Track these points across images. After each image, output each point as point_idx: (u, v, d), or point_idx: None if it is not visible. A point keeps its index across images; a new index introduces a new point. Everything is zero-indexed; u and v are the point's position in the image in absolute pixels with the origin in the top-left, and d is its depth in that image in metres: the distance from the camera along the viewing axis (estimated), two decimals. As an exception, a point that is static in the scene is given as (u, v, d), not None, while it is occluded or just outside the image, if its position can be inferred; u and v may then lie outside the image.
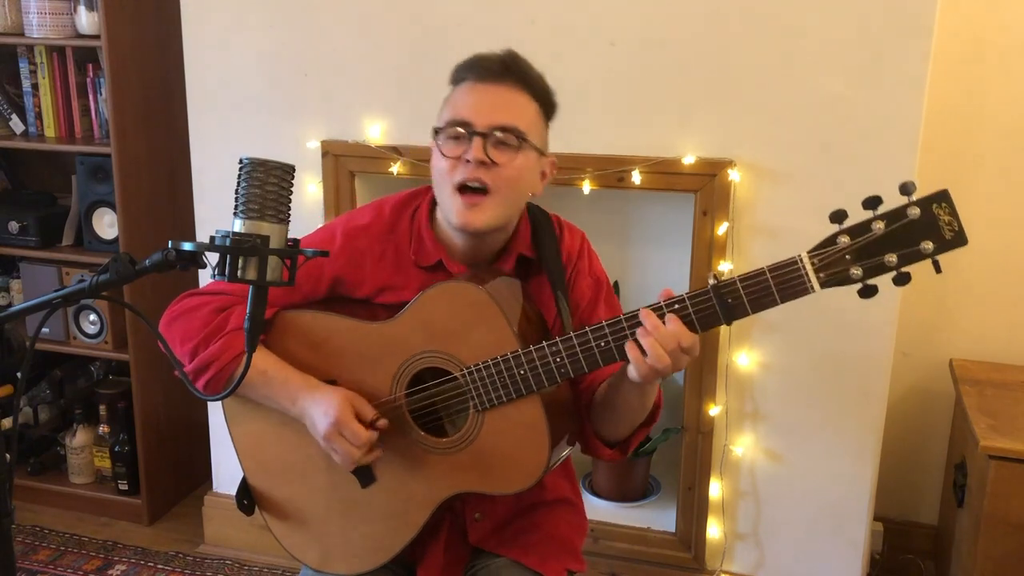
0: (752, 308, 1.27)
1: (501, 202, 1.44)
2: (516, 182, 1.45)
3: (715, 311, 1.28)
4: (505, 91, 1.45)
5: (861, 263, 1.21)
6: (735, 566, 2.46)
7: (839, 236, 1.22)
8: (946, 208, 1.19)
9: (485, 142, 1.41)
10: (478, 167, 1.41)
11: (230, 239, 1.15)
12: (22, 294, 3.03)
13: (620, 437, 1.52)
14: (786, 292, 1.25)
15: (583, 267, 1.58)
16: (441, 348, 1.44)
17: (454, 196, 1.43)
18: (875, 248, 1.20)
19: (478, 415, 1.43)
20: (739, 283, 1.27)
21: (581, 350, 1.35)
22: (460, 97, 1.46)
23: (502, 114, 1.43)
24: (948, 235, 1.19)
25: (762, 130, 2.19)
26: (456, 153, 1.43)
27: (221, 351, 1.48)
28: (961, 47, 2.43)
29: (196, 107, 2.58)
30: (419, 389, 1.48)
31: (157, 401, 2.97)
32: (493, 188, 1.42)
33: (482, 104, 1.43)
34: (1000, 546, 2.10)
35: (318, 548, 1.58)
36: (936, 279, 2.54)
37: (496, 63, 1.46)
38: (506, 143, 1.42)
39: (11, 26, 2.80)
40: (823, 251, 1.23)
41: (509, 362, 1.38)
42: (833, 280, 1.23)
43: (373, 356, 1.49)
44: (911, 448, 2.70)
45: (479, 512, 1.58)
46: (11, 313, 1.16)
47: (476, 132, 1.41)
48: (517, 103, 1.45)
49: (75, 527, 2.98)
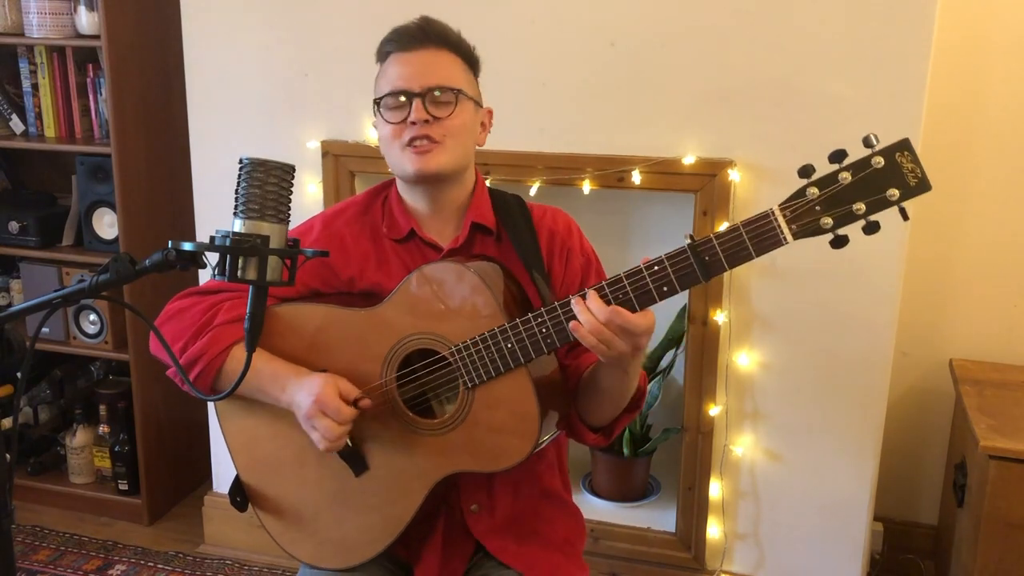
0: (728, 263, 1.30)
1: (450, 148, 1.51)
2: (460, 130, 1.51)
3: (693, 269, 1.31)
4: (430, 54, 1.52)
5: (831, 213, 1.25)
6: (735, 566, 2.46)
7: (808, 188, 1.26)
8: (908, 156, 1.23)
9: (423, 102, 1.48)
10: (423, 126, 1.48)
11: (230, 239, 1.16)
12: (22, 294, 3.04)
13: (604, 422, 1.54)
14: (761, 245, 1.28)
15: (574, 245, 1.61)
16: (429, 329, 1.45)
17: (405, 151, 1.50)
18: (843, 197, 1.25)
19: (468, 393, 1.44)
20: (715, 240, 1.30)
21: (565, 318, 1.36)
22: (391, 69, 1.53)
23: (433, 75, 1.50)
24: (912, 182, 1.23)
25: (762, 130, 2.19)
26: (399, 118, 1.50)
27: (208, 345, 1.49)
28: (961, 47, 2.43)
29: (196, 107, 2.58)
30: (409, 371, 1.49)
31: (157, 401, 2.97)
32: (439, 139, 1.49)
33: (412, 70, 1.50)
34: (1000, 546, 2.11)
35: (313, 543, 1.58)
36: (936, 279, 2.57)
37: (414, 29, 1.53)
38: (443, 100, 1.49)
39: (11, 26, 2.80)
40: (793, 203, 1.26)
41: (496, 336, 1.40)
42: (805, 231, 1.26)
43: (362, 342, 1.50)
44: (911, 448, 2.70)
45: (475, 503, 1.58)
46: (11, 313, 1.16)
47: (414, 94, 1.48)
48: (443, 62, 1.52)
49: (75, 527, 2.98)
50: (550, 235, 1.59)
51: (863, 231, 1.26)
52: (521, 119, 2.32)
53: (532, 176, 2.32)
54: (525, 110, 2.32)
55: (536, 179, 2.32)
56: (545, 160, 2.31)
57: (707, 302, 2.30)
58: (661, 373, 2.55)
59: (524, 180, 2.32)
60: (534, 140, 2.32)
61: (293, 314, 1.55)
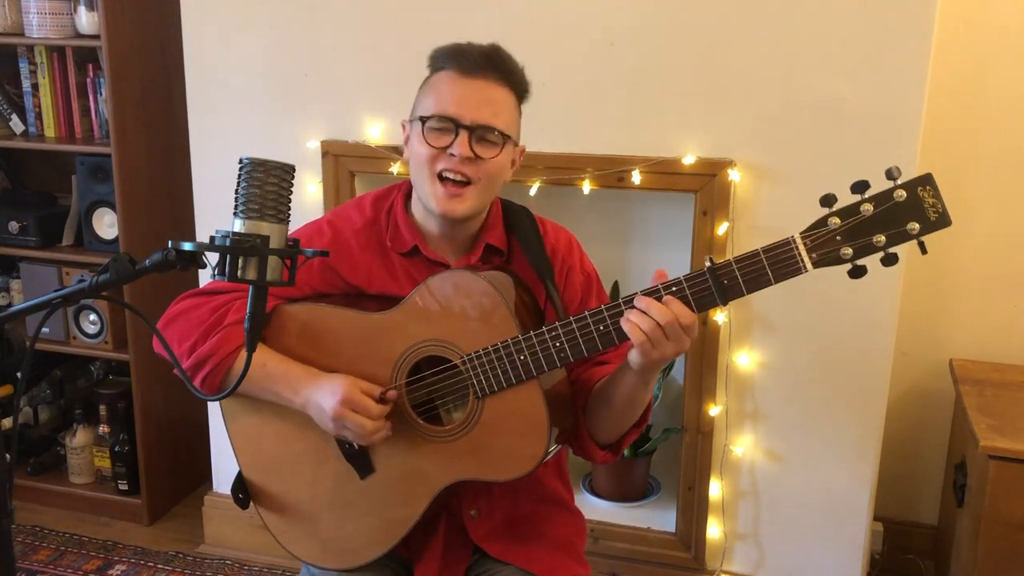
0: (747, 288, 1.30)
1: (480, 192, 1.49)
2: (496, 174, 1.49)
3: (711, 292, 1.31)
4: (489, 87, 1.47)
5: (851, 243, 1.26)
6: (735, 566, 2.46)
7: (830, 218, 1.27)
8: (930, 191, 1.24)
9: (471, 137, 1.44)
10: (463, 162, 1.44)
11: (230, 239, 1.16)
12: (22, 294, 3.03)
13: (613, 438, 1.53)
14: (780, 272, 1.29)
15: (575, 263, 1.61)
16: (441, 336, 1.45)
17: (434, 183, 1.47)
18: (864, 229, 1.25)
19: (478, 402, 1.44)
20: (734, 264, 1.30)
21: (581, 334, 1.37)
22: (444, 88, 1.48)
23: (487, 111, 1.46)
24: (933, 216, 1.24)
25: (762, 130, 2.19)
26: (442, 144, 1.46)
27: (218, 345, 1.49)
28: (962, 47, 2.43)
29: (196, 107, 2.58)
30: (419, 378, 1.49)
31: (157, 401, 2.97)
32: (474, 180, 1.46)
33: (468, 99, 1.46)
34: (1000, 546, 2.10)
35: (315, 542, 1.58)
36: (936, 279, 2.57)
37: (480, 56, 1.48)
38: (490, 141, 1.46)
39: (11, 26, 2.79)
40: (815, 232, 1.27)
41: (509, 348, 1.40)
42: (825, 260, 1.27)
43: (373, 347, 1.50)
44: (911, 448, 2.70)
45: (475, 509, 1.58)
46: (11, 313, 1.16)
47: (463, 126, 1.44)
48: (500, 99, 1.48)
49: (75, 527, 2.98)
50: (552, 251, 1.59)
51: (881, 262, 1.27)
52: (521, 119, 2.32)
53: (532, 176, 2.32)
54: (525, 110, 2.31)
55: (536, 179, 2.32)
56: (545, 160, 2.30)
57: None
58: (661, 373, 2.55)
59: (524, 180, 2.32)
60: (534, 140, 2.29)
61: (305, 313, 1.55)
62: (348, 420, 1.44)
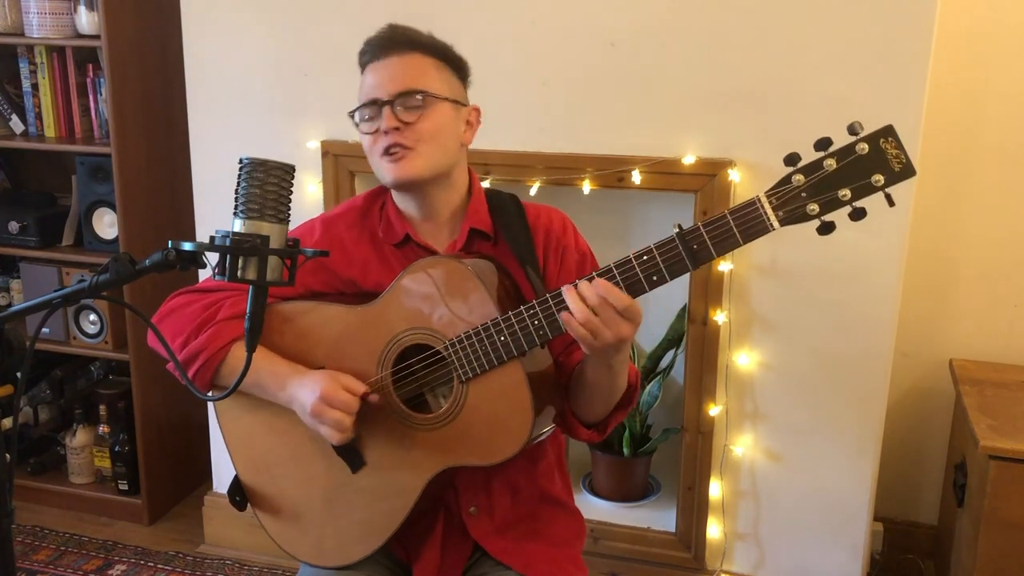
0: (716, 251, 1.31)
1: (424, 153, 1.50)
2: (434, 133, 1.50)
3: (681, 257, 1.32)
4: (397, 60, 1.52)
5: (816, 199, 1.26)
6: (735, 566, 2.46)
7: (794, 175, 1.27)
8: (893, 142, 1.24)
9: (392, 109, 1.48)
10: (393, 133, 1.48)
11: (230, 239, 1.16)
12: (22, 294, 3.04)
13: (596, 418, 1.54)
14: (748, 232, 1.29)
15: (569, 243, 1.61)
16: (424, 324, 1.46)
17: (382, 159, 1.51)
18: (829, 184, 1.26)
19: (462, 387, 1.44)
20: (702, 228, 1.31)
21: (557, 310, 1.37)
22: (365, 80, 1.55)
23: (400, 81, 1.50)
24: (897, 167, 1.24)
25: (762, 130, 2.19)
26: (373, 128, 1.51)
27: (209, 341, 1.50)
28: (962, 46, 2.43)
29: (196, 107, 2.58)
30: (404, 367, 1.49)
31: (157, 401, 2.97)
32: (412, 144, 1.49)
33: (382, 79, 1.51)
34: (1000, 546, 2.11)
35: (312, 541, 1.59)
36: (936, 279, 2.57)
37: (382, 38, 1.54)
38: (412, 105, 1.49)
39: (11, 26, 2.80)
40: (779, 190, 1.28)
41: (489, 329, 1.40)
42: (791, 217, 1.28)
43: (357, 339, 1.51)
44: (911, 448, 2.70)
45: (474, 506, 1.58)
46: (11, 313, 1.16)
47: (383, 102, 1.49)
48: (412, 65, 1.52)
49: (75, 527, 2.98)
50: (546, 234, 1.59)
51: (849, 217, 1.27)
52: (521, 119, 2.32)
53: (532, 176, 2.32)
54: (525, 110, 2.32)
55: (536, 179, 2.32)
56: (545, 160, 2.31)
57: (707, 302, 2.30)
58: (661, 373, 2.55)
59: (524, 180, 2.32)
60: (534, 140, 2.32)
61: (290, 311, 1.56)
62: (325, 415, 1.45)
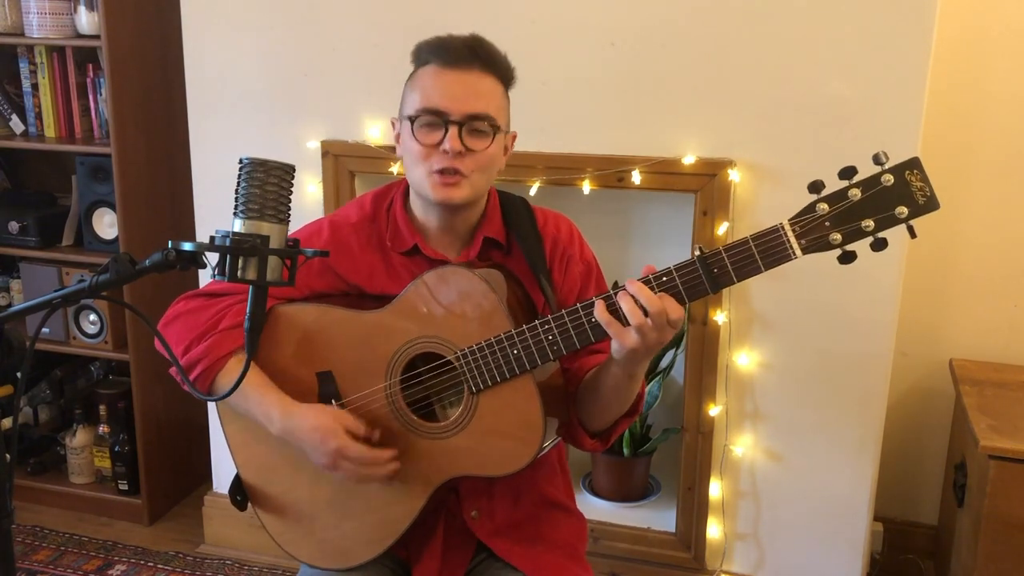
0: (737, 276, 1.30)
1: (476, 181, 1.48)
2: (488, 165, 1.49)
3: (701, 281, 1.31)
4: (475, 77, 1.47)
5: (840, 229, 1.27)
6: (735, 566, 2.46)
7: (818, 204, 1.27)
8: (918, 175, 1.25)
9: (461, 131, 1.44)
10: (455, 157, 1.44)
11: (230, 239, 1.16)
12: (22, 294, 3.03)
13: (603, 426, 1.53)
14: (769, 259, 1.29)
15: (575, 253, 1.60)
16: (435, 333, 1.45)
17: (431, 175, 1.46)
18: (852, 214, 1.26)
19: (472, 397, 1.44)
20: (724, 253, 1.30)
21: (572, 326, 1.37)
22: (429, 82, 1.48)
23: (474, 102, 1.45)
24: (921, 200, 1.25)
25: (762, 130, 2.19)
26: (432, 141, 1.45)
27: (208, 350, 1.50)
28: (962, 47, 2.43)
29: (196, 107, 2.58)
30: (413, 375, 1.49)
31: (157, 401, 2.97)
32: (468, 173, 1.46)
33: (454, 92, 1.45)
34: (1000, 546, 2.10)
35: (312, 543, 1.59)
36: (936, 279, 2.57)
37: (463, 47, 1.47)
38: (478, 129, 1.46)
39: (11, 26, 2.79)
40: (803, 218, 1.28)
41: (503, 342, 1.40)
42: (814, 246, 1.28)
43: (367, 344, 1.50)
44: (911, 448, 2.70)
45: (475, 510, 1.58)
46: (11, 313, 1.16)
47: (452, 121, 1.44)
48: (487, 89, 1.48)
49: (75, 527, 2.98)
50: (553, 242, 1.59)
51: (871, 248, 1.27)
52: (521, 119, 2.31)
53: (532, 176, 2.32)
54: (525, 110, 2.31)
55: (536, 179, 2.32)
56: (545, 160, 2.31)
57: (707, 302, 2.30)
58: (661, 373, 2.55)
59: (524, 180, 2.32)
60: (534, 140, 2.32)
61: (298, 313, 1.55)
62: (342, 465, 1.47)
